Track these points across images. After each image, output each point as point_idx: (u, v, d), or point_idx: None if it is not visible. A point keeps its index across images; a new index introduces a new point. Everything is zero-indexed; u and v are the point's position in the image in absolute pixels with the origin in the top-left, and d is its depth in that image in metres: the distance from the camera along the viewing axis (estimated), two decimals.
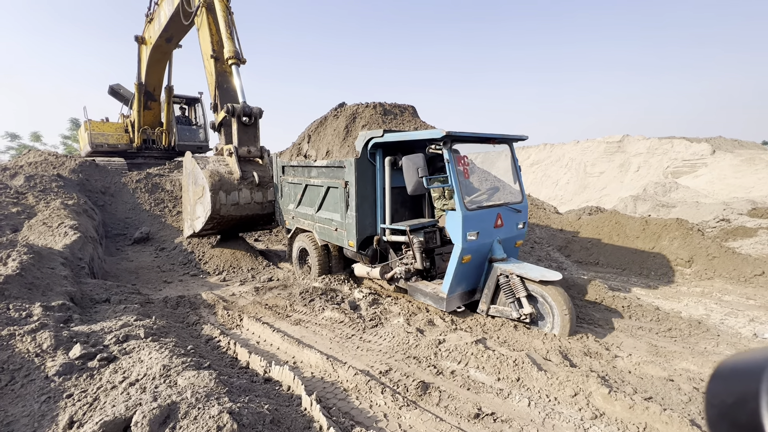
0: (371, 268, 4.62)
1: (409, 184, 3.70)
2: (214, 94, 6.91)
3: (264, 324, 3.99)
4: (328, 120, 5.31)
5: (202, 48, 7.18)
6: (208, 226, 6.28)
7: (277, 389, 2.63)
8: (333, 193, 4.82)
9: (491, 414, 2.41)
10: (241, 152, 6.51)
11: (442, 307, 3.86)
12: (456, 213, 3.67)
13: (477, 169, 5.10)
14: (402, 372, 2.95)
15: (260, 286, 5.49)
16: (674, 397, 2.47)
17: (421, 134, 3.93)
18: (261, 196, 6.47)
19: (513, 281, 3.69)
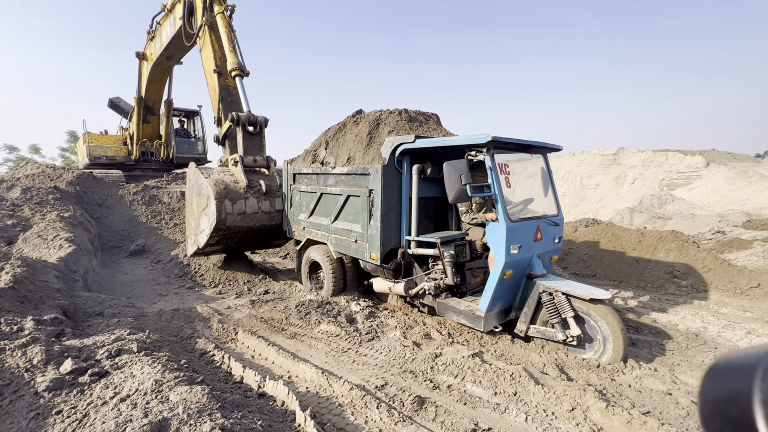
0: (394, 284, 4.28)
1: (450, 192, 3.40)
2: (218, 108, 6.94)
3: (259, 338, 3.95)
4: (348, 126, 5.01)
5: (204, 66, 7.28)
6: (214, 239, 5.88)
7: (270, 405, 2.59)
8: (353, 202, 4.53)
9: (488, 430, 2.38)
10: (246, 161, 6.28)
11: (479, 327, 3.53)
12: (499, 225, 3.42)
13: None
14: (398, 386, 2.92)
15: (256, 299, 5.44)
16: (672, 411, 2.45)
17: (460, 140, 3.63)
18: (269, 205, 6.13)
19: (558, 299, 3.38)
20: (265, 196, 6.11)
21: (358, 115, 5.25)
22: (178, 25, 8.01)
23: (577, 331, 3.31)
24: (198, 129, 13.93)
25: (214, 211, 5.57)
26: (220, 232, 5.73)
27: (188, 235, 6.57)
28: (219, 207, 5.57)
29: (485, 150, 3.51)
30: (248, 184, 5.97)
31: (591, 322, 3.34)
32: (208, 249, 6.24)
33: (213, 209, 5.60)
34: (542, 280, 3.57)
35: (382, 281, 4.49)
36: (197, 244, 6.13)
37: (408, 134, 4.27)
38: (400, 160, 4.19)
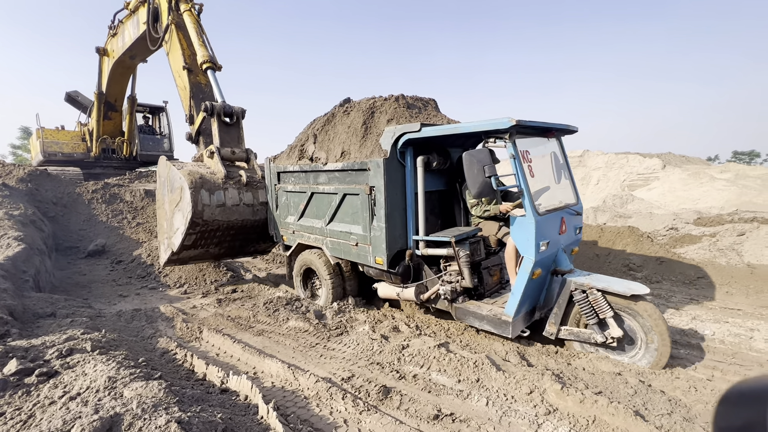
0: (402, 289, 3.86)
1: (472, 185, 3.06)
2: (189, 106, 6.58)
3: (225, 336, 3.86)
4: (337, 117, 4.50)
5: (172, 67, 6.94)
6: (190, 239, 5.20)
7: (233, 399, 2.54)
8: (351, 202, 4.10)
9: (450, 414, 2.44)
10: (224, 153, 5.76)
11: (507, 333, 3.19)
12: (526, 219, 3.08)
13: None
14: (364, 378, 2.93)
15: (223, 298, 5.32)
16: (622, 390, 2.60)
17: (476, 125, 3.22)
18: (251, 197, 5.54)
19: (594, 297, 3.07)
20: (247, 187, 5.55)
21: (346, 104, 4.76)
22: (142, 29, 7.70)
23: (618, 332, 2.99)
24: (164, 126, 13.43)
25: (189, 202, 4.93)
26: (197, 228, 5.09)
27: (161, 241, 5.86)
28: (194, 197, 4.95)
29: (507, 136, 3.13)
30: (227, 175, 5.42)
31: (630, 321, 3.05)
32: (185, 254, 5.50)
33: (188, 200, 4.97)
34: (572, 276, 3.29)
35: (387, 286, 4.08)
36: (171, 247, 5.41)
37: (408, 122, 3.85)
38: (403, 152, 3.78)
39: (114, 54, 9.36)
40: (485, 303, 3.57)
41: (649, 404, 2.43)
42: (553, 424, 2.27)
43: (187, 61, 6.63)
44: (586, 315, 3.11)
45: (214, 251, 5.79)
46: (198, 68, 6.58)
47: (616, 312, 3.07)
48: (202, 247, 5.54)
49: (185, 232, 5.08)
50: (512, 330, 3.17)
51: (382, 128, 3.93)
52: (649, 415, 2.32)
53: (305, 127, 4.99)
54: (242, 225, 5.51)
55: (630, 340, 3.08)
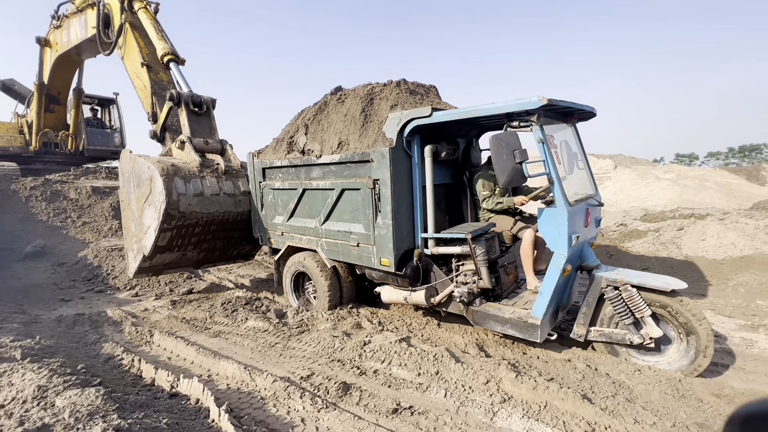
0: (410, 292, 3.56)
1: (501, 173, 2.75)
2: (151, 103, 6.04)
3: (178, 338, 3.67)
4: (330, 105, 4.12)
5: (129, 68, 6.41)
6: (165, 237, 4.51)
7: (183, 403, 2.41)
8: (351, 198, 3.73)
9: (409, 408, 2.44)
10: (196, 143, 5.19)
11: (535, 338, 2.90)
12: (557, 210, 2.80)
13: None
14: (324, 375, 2.88)
15: (178, 300, 5.07)
16: (571, 376, 2.72)
17: (499, 107, 2.85)
18: (231, 186, 4.98)
19: (629, 294, 2.82)
20: (226, 176, 5.04)
21: (338, 92, 4.36)
22: (91, 32, 7.12)
23: (658, 332, 2.76)
24: (114, 119, 12.58)
25: (162, 191, 4.30)
26: (172, 222, 4.42)
27: (128, 249, 5.06)
28: (168, 185, 4.34)
29: (535, 118, 2.83)
30: (202, 163, 4.91)
31: (668, 321, 2.83)
32: (159, 258, 4.79)
33: (160, 189, 4.33)
34: (602, 272, 3.05)
35: (393, 290, 3.72)
36: (142, 251, 4.69)
37: (413, 108, 3.47)
38: (409, 141, 3.45)
39: (58, 48, 8.62)
40: (506, 305, 3.27)
41: (596, 388, 2.56)
42: (508, 411, 2.34)
43: (146, 58, 6.14)
44: (621, 314, 2.85)
45: (192, 255, 5.10)
46: (158, 64, 6.12)
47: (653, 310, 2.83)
48: (178, 249, 4.85)
49: (159, 229, 4.40)
50: (540, 333, 2.89)
51: (384, 115, 3.57)
52: (596, 397, 2.44)
53: (292, 119, 4.57)
54: (224, 218, 4.90)
55: (667, 339, 2.84)
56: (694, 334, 2.70)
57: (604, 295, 2.96)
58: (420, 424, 2.30)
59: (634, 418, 2.21)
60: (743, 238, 6.03)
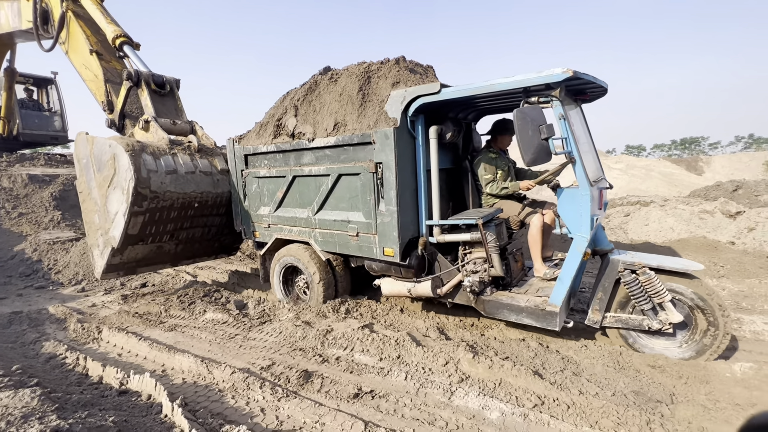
0: (414, 284, 3.36)
1: (526, 150, 2.59)
2: (105, 91, 5.45)
3: (129, 334, 3.49)
4: (322, 85, 3.82)
5: (75, 61, 5.73)
6: (136, 223, 3.99)
7: (134, 400, 2.31)
8: (349, 184, 3.49)
9: (370, 392, 2.47)
10: (162, 123, 4.74)
11: (553, 326, 2.81)
12: (579, 191, 2.69)
13: None
14: (286, 365, 2.85)
15: (130, 294, 4.82)
16: (525, 354, 2.86)
17: (518, 80, 2.67)
18: (208, 164, 4.54)
19: (648, 278, 2.70)
20: (200, 154, 4.59)
21: (328, 72, 4.02)
22: (26, 26, 6.33)
23: (678, 317, 2.64)
24: (54, 101, 11.53)
25: (129, 167, 3.79)
26: (144, 203, 3.92)
27: (92, 245, 4.45)
28: (136, 161, 3.85)
29: (557, 92, 2.66)
30: (172, 141, 4.49)
31: (684, 304, 2.74)
32: (131, 252, 4.26)
33: (126, 166, 3.83)
34: (617, 255, 2.93)
35: (395, 283, 3.49)
36: (110, 244, 4.11)
37: (416, 86, 3.20)
38: (413, 121, 3.23)
39: None
40: (518, 293, 3.16)
41: (546, 364, 2.71)
42: (465, 390, 2.42)
43: (94, 46, 5.53)
44: (638, 299, 2.74)
45: (169, 248, 4.61)
46: (110, 52, 5.50)
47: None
48: (153, 240, 4.33)
49: (128, 212, 3.86)
50: (559, 321, 2.79)
51: (384, 94, 3.34)
52: (546, 373, 2.59)
53: (278, 101, 4.22)
54: (203, 200, 4.43)
55: (682, 324, 2.73)
56: (718, 318, 2.60)
57: (620, 279, 2.84)
58: (380, 407, 2.34)
59: (579, 390, 2.37)
60: (680, 222, 6.56)
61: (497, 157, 3.70)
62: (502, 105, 3.70)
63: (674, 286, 2.73)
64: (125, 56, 5.34)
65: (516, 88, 2.72)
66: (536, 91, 2.76)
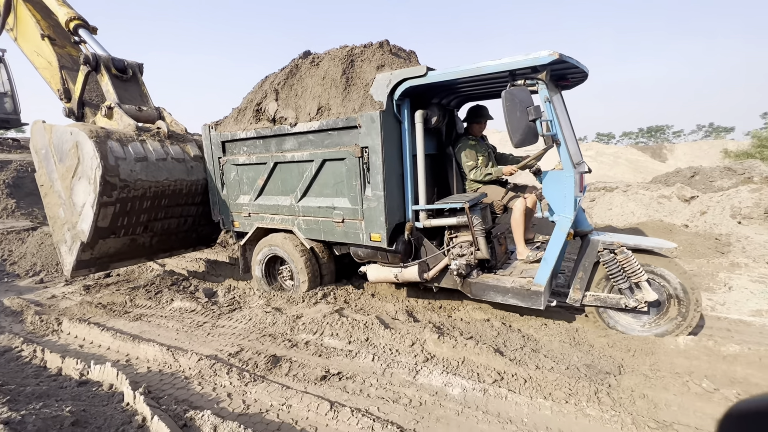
0: (401, 269, 3.38)
1: (514, 131, 2.61)
2: (61, 78, 5.08)
3: (92, 325, 3.40)
4: (303, 69, 3.72)
5: (25, 48, 5.29)
6: (106, 216, 3.78)
7: (94, 390, 2.27)
8: (334, 169, 3.42)
9: (338, 374, 2.53)
10: (127, 109, 4.51)
11: (538, 305, 2.89)
12: (564, 173, 2.77)
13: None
14: (254, 350, 2.86)
15: (92, 284, 4.66)
16: (488, 333, 2.98)
17: (504, 63, 2.68)
18: (180, 150, 4.35)
19: (626, 257, 2.80)
20: (171, 140, 4.39)
21: (308, 56, 3.90)
22: None
23: (653, 296, 2.77)
24: (3, 81, 10.73)
25: (95, 155, 3.57)
26: (113, 193, 3.70)
27: (59, 242, 4.18)
28: (101, 148, 3.63)
29: (543, 75, 2.69)
30: (139, 127, 4.26)
31: (659, 283, 2.86)
32: (103, 246, 4.02)
33: (91, 154, 3.61)
34: (596, 236, 3.02)
35: (381, 269, 3.50)
36: (79, 238, 3.88)
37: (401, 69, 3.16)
38: (399, 105, 3.21)
39: None
40: (504, 275, 3.23)
41: (508, 342, 2.84)
42: (429, 369, 2.51)
43: (46, 30, 5.12)
44: (616, 278, 2.84)
45: (144, 241, 4.39)
46: (64, 36, 5.10)
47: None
48: (126, 233, 4.12)
49: (97, 203, 3.64)
50: (543, 300, 2.88)
51: (369, 77, 3.30)
52: (507, 350, 2.71)
53: (256, 85, 4.08)
54: (176, 189, 4.22)
55: (655, 302, 2.85)
56: (689, 295, 2.73)
57: (600, 260, 2.94)
58: (347, 388, 2.39)
59: (536, 365, 2.50)
60: (640, 207, 6.89)
61: (477, 144, 3.76)
62: (486, 91, 3.73)
63: (664, 272, 2.82)
64: (81, 41, 4.98)
65: (503, 70, 2.74)
66: (522, 74, 2.79)
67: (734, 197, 6.29)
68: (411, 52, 3.98)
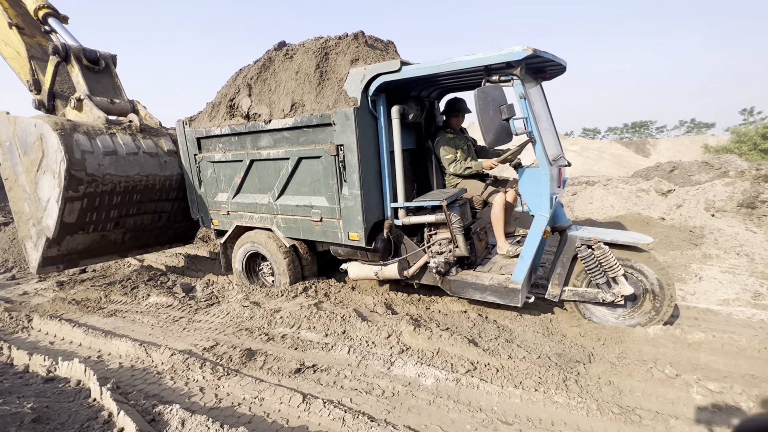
0: (381, 267, 3.35)
1: (487, 130, 2.58)
2: (31, 69, 4.87)
3: (63, 321, 3.33)
4: (276, 62, 3.61)
5: None
6: (72, 211, 3.67)
7: (61, 387, 2.23)
8: (310, 167, 3.36)
9: (312, 366, 2.53)
10: (98, 102, 4.36)
11: (516, 302, 2.88)
12: (540, 170, 2.75)
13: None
14: (229, 344, 2.84)
15: (67, 280, 4.56)
16: (464, 324, 3.01)
17: (479, 59, 2.63)
18: (152, 145, 4.26)
19: (602, 253, 2.80)
20: (143, 134, 4.28)
21: (283, 47, 3.78)
22: None
23: (629, 290, 2.79)
24: None
25: (59, 148, 3.48)
26: (80, 187, 3.59)
27: (24, 238, 4.06)
28: (66, 141, 3.53)
29: (518, 71, 2.66)
30: (110, 120, 4.16)
31: (636, 276, 2.89)
32: (70, 242, 3.90)
33: (55, 146, 3.51)
34: (574, 231, 3.02)
35: (361, 266, 3.46)
36: (44, 234, 3.76)
37: (377, 63, 3.12)
38: (374, 100, 3.14)
39: None
40: (483, 272, 3.20)
41: (483, 333, 2.87)
42: (404, 360, 2.53)
43: (14, 19, 4.90)
44: (593, 273, 2.85)
45: (116, 237, 4.26)
46: (33, 25, 4.90)
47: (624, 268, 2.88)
48: (95, 229, 4.00)
49: (62, 198, 3.53)
50: (521, 297, 2.88)
51: (343, 72, 3.21)
52: (481, 341, 2.74)
53: (230, 79, 3.95)
54: (149, 184, 4.13)
55: (632, 296, 2.87)
56: (665, 290, 2.78)
57: (577, 255, 2.94)
58: (321, 380, 2.40)
59: (509, 355, 2.54)
60: (620, 200, 7.02)
61: (455, 137, 3.69)
62: (464, 83, 3.69)
63: (642, 267, 2.85)
64: (52, 31, 4.81)
65: (477, 66, 2.69)
66: (497, 69, 2.74)
67: (709, 191, 6.45)
68: (389, 43, 3.90)
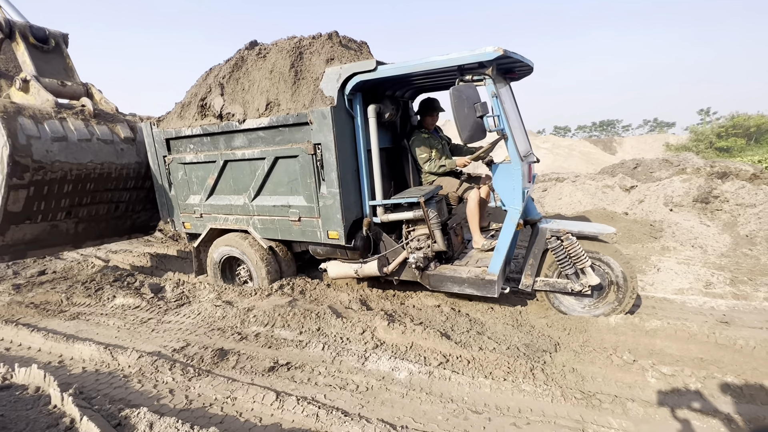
0: (361, 265, 3.38)
1: (463, 128, 2.66)
2: None
3: (20, 326, 3.16)
4: (249, 61, 3.58)
5: None
6: (18, 200, 3.51)
7: (18, 394, 2.11)
8: (287, 167, 3.34)
9: (286, 364, 2.51)
10: (47, 83, 4.09)
11: (492, 293, 2.99)
12: (512, 166, 2.87)
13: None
14: (201, 345, 2.79)
15: (24, 283, 4.32)
16: (438, 318, 3.07)
17: (451, 59, 2.72)
18: (108, 131, 4.04)
19: (570, 244, 2.95)
20: (98, 119, 4.07)
21: (255, 46, 3.74)
22: None
23: (595, 280, 2.94)
24: None
25: (2, 132, 3.30)
26: (26, 175, 3.43)
27: None
28: (10, 125, 3.34)
29: (489, 70, 2.77)
30: (60, 104, 3.93)
31: (602, 267, 3.04)
32: (16, 232, 3.70)
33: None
34: (545, 224, 3.16)
35: (341, 265, 3.49)
36: None
37: (352, 63, 3.16)
38: (351, 99, 3.18)
39: None
40: (460, 266, 3.30)
41: (455, 326, 2.94)
42: (378, 355, 2.56)
43: None
44: (562, 264, 3.00)
45: (67, 227, 4.06)
46: None
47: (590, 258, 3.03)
48: (44, 218, 3.81)
49: (5, 185, 3.37)
50: (497, 288, 3.01)
51: (318, 71, 3.23)
52: (453, 334, 2.81)
53: (200, 78, 3.87)
54: (104, 173, 3.95)
55: (598, 286, 3.03)
56: (624, 279, 2.95)
57: (548, 246, 3.08)
58: (295, 377, 2.39)
59: (479, 346, 2.62)
60: (587, 196, 7.32)
61: (430, 137, 3.78)
62: (438, 83, 3.75)
63: (609, 260, 3.01)
64: None
65: (451, 65, 2.78)
66: (470, 69, 2.84)
67: (668, 187, 6.82)
68: (362, 43, 3.92)
